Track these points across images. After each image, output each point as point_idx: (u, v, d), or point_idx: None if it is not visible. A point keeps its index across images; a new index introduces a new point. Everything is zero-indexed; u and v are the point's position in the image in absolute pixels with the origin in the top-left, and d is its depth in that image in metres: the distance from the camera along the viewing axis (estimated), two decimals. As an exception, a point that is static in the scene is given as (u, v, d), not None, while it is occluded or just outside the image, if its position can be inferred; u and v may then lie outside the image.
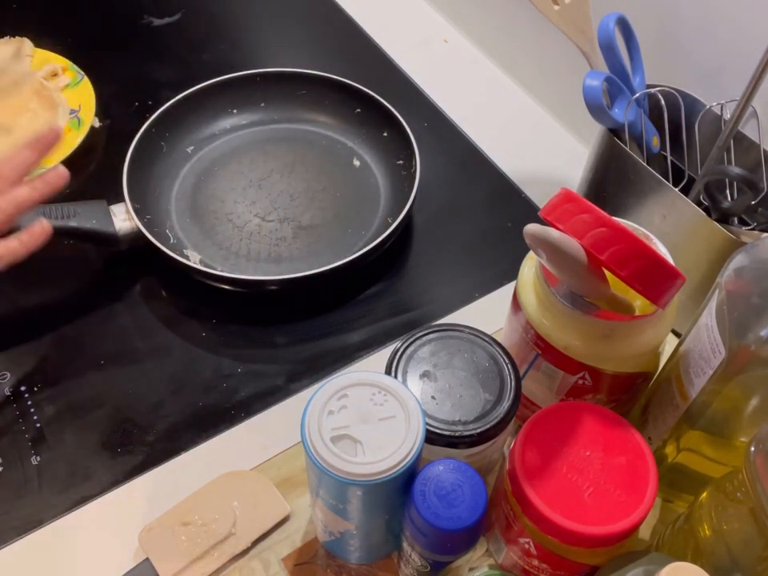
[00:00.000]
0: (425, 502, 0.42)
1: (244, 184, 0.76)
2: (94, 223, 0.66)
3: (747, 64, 0.54)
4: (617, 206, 0.65)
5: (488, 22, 0.91)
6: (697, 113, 0.64)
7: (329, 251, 0.71)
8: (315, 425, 0.42)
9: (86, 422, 0.61)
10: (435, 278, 0.72)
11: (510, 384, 0.49)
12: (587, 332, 0.49)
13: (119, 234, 0.67)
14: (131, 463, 0.59)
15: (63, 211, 0.65)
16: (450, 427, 0.47)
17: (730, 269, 0.45)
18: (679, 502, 0.55)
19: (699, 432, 0.48)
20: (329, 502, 0.45)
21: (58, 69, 0.82)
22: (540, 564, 0.48)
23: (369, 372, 0.44)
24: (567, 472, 0.45)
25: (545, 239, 0.44)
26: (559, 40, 0.63)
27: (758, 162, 0.61)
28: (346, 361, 0.65)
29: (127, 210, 0.68)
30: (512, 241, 0.72)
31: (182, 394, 0.63)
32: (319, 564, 0.54)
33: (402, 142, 0.76)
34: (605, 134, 0.64)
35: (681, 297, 0.49)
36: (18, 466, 0.58)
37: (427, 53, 0.93)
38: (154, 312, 0.68)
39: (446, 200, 0.78)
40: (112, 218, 0.67)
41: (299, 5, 0.98)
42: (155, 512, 0.56)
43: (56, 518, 0.56)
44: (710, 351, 0.45)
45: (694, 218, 0.58)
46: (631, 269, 0.44)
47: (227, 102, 0.80)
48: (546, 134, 0.85)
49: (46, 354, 0.65)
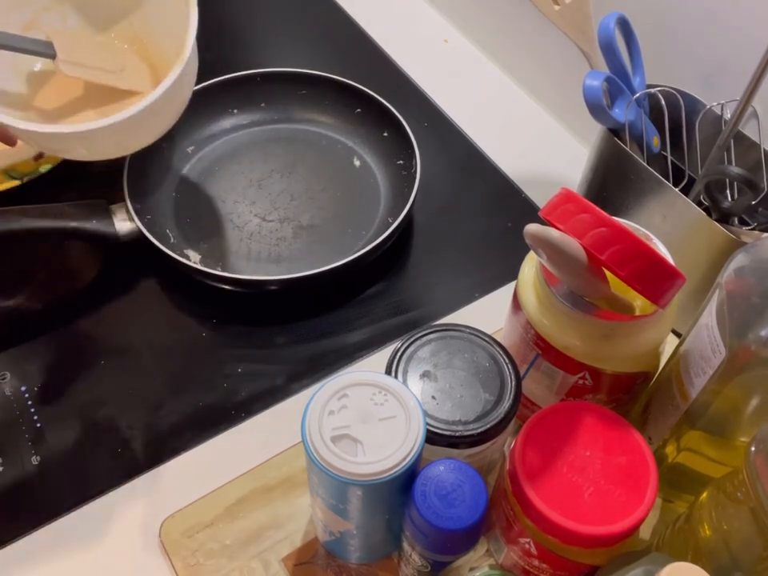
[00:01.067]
0: (425, 501, 0.42)
1: (244, 184, 0.76)
2: (94, 223, 0.66)
3: (747, 64, 0.54)
4: (617, 206, 0.65)
5: (488, 22, 0.91)
6: (697, 113, 0.64)
7: (329, 251, 0.71)
8: (315, 425, 0.42)
9: (85, 422, 0.61)
10: (435, 278, 0.72)
11: (510, 384, 0.49)
12: (587, 332, 0.49)
13: (119, 235, 0.67)
14: (131, 463, 0.59)
15: (63, 212, 0.65)
16: (450, 427, 0.47)
17: (730, 269, 0.45)
18: (679, 501, 0.55)
19: (699, 432, 0.48)
20: (329, 501, 0.45)
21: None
22: (540, 564, 0.48)
23: (369, 372, 0.44)
24: (567, 472, 0.45)
25: (545, 239, 0.44)
26: (559, 40, 0.63)
27: (758, 161, 0.61)
28: (346, 361, 0.65)
29: (127, 210, 0.68)
30: (512, 241, 0.72)
31: (182, 393, 0.63)
32: (319, 564, 0.54)
33: (403, 142, 0.76)
34: (605, 134, 0.64)
35: (681, 297, 0.49)
36: (18, 466, 0.58)
37: (427, 53, 0.93)
38: (154, 312, 0.68)
39: (446, 200, 0.78)
40: (112, 219, 0.67)
41: (299, 5, 0.98)
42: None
43: (56, 518, 0.56)
44: (710, 351, 0.45)
45: (694, 218, 0.58)
46: (631, 269, 0.44)
47: (227, 102, 0.80)
48: (547, 133, 0.85)
49: (46, 354, 0.65)
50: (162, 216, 0.73)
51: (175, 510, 0.56)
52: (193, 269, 0.66)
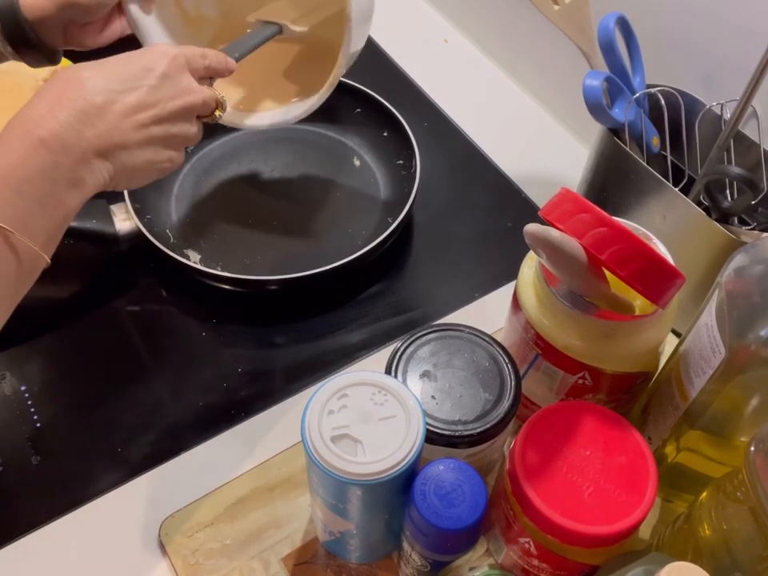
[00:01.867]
0: (425, 501, 0.42)
1: (244, 184, 0.76)
2: (94, 223, 0.66)
3: (747, 64, 0.54)
4: (617, 205, 0.65)
5: (488, 22, 0.91)
6: (697, 113, 0.64)
7: (329, 251, 0.71)
8: (315, 424, 0.42)
9: (86, 422, 0.61)
10: (435, 278, 0.72)
11: (510, 384, 0.49)
12: (587, 332, 0.49)
13: (119, 234, 0.67)
14: (131, 463, 0.59)
15: None
16: (449, 427, 0.47)
17: (730, 269, 0.45)
18: (679, 501, 0.55)
19: (699, 432, 0.48)
20: (329, 501, 0.45)
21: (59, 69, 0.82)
22: (540, 564, 0.48)
23: (369, 372, 0.44)
24: (567, 472, 0.45)
25: (545, 239, 0.44)
26: (559, 40, 0.63)
27: (758, 161, 0.61)
28: (346, 361, 0.65)
29: (127, 209, 0.68)
30: (512, 241, 0.72)
31: (182, 393, 0.63)
32: (319, 564, 0.54)
33: (402, 142, 0.76)
34: (605, 134, 0.64)
35: (681, 297, 0.49)
36: (18, 466, 0.58)
37: (427, 53, 0.93)
38: (154, 312, 0.68)
39: (446, 200, 0.78)
40: (112, 218, 0.67)
41: (299, 5, 0.98)
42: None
43: (56, 518, 0.56)
44: (710, 351, 0.45)
45: (694, 218, 0.58)
46: (631, 269, 0.44)
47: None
48: (546, 133, 0.85)
49: (46, 354, 0.65)
50: (161, 216, 0.73)
51: (175, 510, 0.56)
52: (193, 269, 0.66)
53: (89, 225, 0.66)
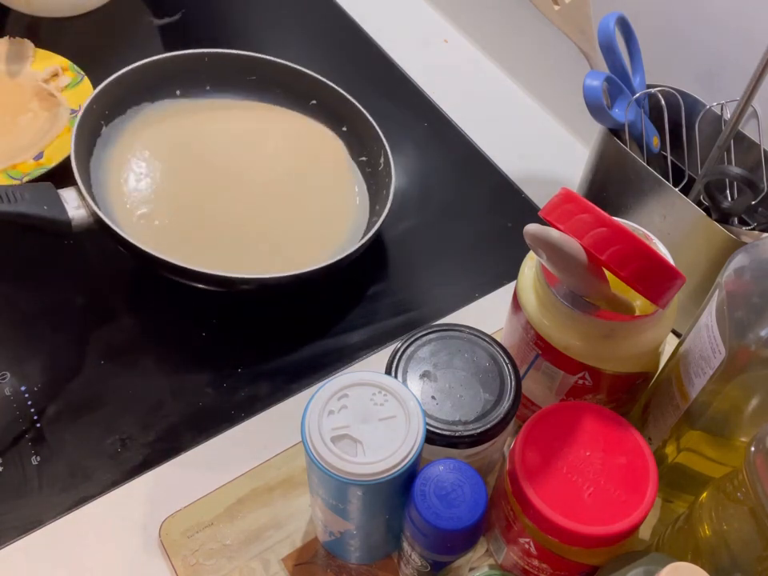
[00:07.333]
0: (425, 501, 0.42)
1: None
2: (45, 209, 0.60)
3: (747, 64, 0.54)
4: (617, 206, 0.65)
5: (488, 22, 0.91)
6: (697, 113, 0.64)
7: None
8: (315, 425, 0.42)
9: (86, 422, 0.61)
10: (435, 278, 0.72)
11: (510, 384, 0.49)
12: (587, 332, 0.49)
13: (73, 222, 0.61)
14: (131, 463, 0.59)
15: (9, 195, 0.59)
16: (450, 427, 0.47)
17: (730, 269, 0.45)
18: (679, 502, 0.55)
19: (699, 432, 0.48)
20: (329, 501, 0.45)
21: (59, 69, 0.82)
22: (540, 564, 0.48)
23: (369, 372, 0.44)
24: (567, 472, 0.45)
25: (545, 239, 0.44)
26: (559, 40, 0.63)
27: (758, 161, 0.61)
28: (346, 361, 0.65)
29: (80, 194, 0.61)
30: (512, 241, 0.72)
31: (181, 394, 0.63)
32: (319, 564, 0.54)
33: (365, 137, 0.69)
34: (605, 133, 0.64)
35: (681, 297, 0.49)
36: (18, 466, 0.58)
37: (427, 53, 0.93)
38: (154, 312, 0.68)
39: (446, 200, 0.78)
40: (63, 204, 0.60)
41: (299, 5, 0.98)
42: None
43: (56, 518, 0.56)
44: (710, 351, 0.45)
45: (694, 218, 0.58)
46: (631, 269, 0.44)
47: (171, 83, 0.73)
48: (546, 133, 0.85)
49: (46, 354, 0.65)
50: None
51: (175, 510, 0.56)
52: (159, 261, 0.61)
53: (38, 210, 0.59)
